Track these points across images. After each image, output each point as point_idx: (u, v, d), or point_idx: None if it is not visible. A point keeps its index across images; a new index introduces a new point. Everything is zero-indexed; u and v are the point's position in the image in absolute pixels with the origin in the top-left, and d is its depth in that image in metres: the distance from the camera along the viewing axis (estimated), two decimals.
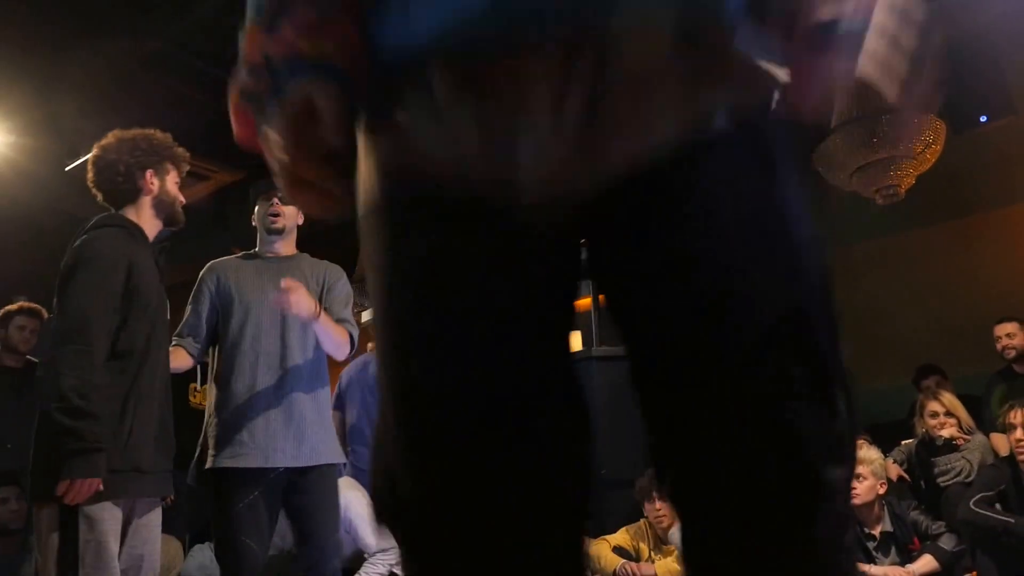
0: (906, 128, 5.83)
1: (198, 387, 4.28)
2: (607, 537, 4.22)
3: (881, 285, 6.65)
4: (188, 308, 2.97)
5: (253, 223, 3.10)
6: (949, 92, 6.42)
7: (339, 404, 4.53)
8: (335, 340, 2.90)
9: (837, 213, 6.86)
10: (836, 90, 0.97)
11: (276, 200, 2.97)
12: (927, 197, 6.13)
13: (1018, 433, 3.71)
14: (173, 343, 2.87)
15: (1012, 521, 3.58)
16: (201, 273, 3.02)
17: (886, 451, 4.62)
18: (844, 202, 6.54)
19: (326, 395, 2.99)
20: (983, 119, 6.40)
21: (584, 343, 5.74)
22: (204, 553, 4.47)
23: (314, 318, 2.77)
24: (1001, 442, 4.16)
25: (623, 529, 4.27)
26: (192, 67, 5.53)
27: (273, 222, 2.99)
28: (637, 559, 4.10)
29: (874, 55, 0.91)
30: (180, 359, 2.91)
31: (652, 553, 4.13)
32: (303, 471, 2.81)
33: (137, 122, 2.63)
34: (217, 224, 7.08)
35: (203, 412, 2.99)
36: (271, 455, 2.75)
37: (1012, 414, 3.77)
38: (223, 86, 0.94)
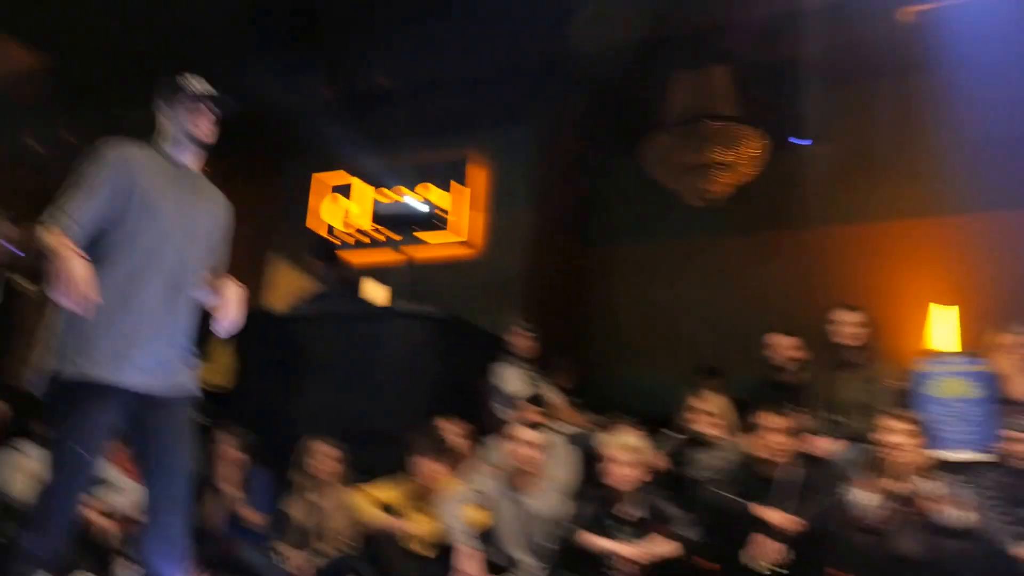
0: (731, 137, 6.20)
1: None
2: (370, 489, 4.30)
3: (683, 284, 7.12)
4: (81, 186, 2.63)
5: (161, 117, 2.84)
6: (777, 111, 6.93)
7: None
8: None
9: (657, 209, 7.23)
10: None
11: (213, 112, 2.82)
12: (740, 206, 6.61)
13: (762, 434, 4.13)
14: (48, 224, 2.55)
15: (746, 503, 3.97)
16: (105, 152, 2.70)
17: (659, 441, 4.99)
18: (665, 199, 6.88)
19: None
20: (802, 141, 6.95)
21: (393, 299, 5.84)
22: None
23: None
24: (755, 443, 4.58)
25: (388, 483, 4.36)
26: None
27: (206, 134, 2.82)
28: (399, 515, 4.21)
29: None
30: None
31: (414, 511, 4.25)
32: (167, 400, 2.70)
33: None
34: None
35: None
36: (146, 374, 2.63)
37: (762, 417, 4.17)
38: None
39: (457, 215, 7.58)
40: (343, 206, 8.19)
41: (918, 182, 6.43)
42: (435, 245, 7.46)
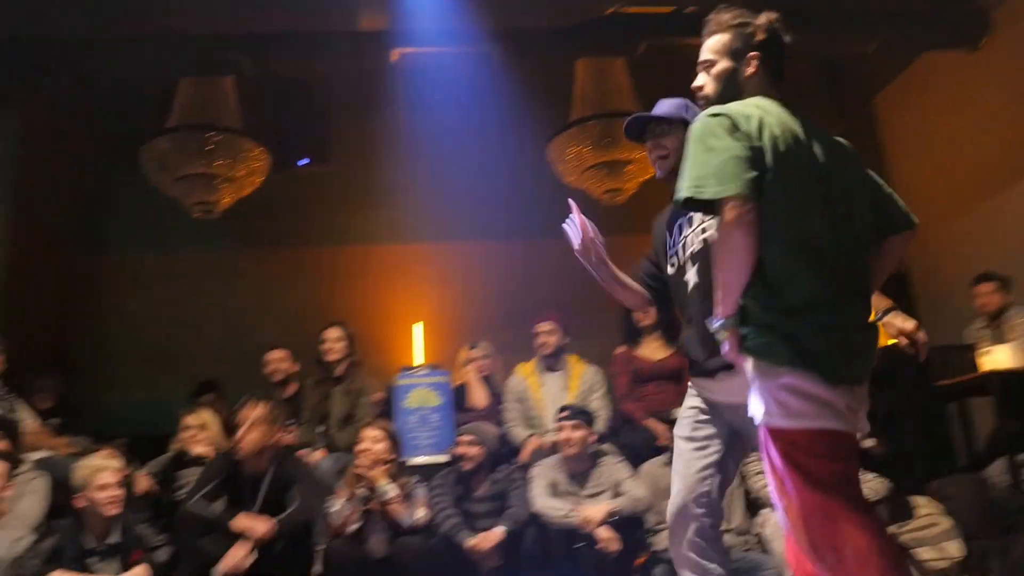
0: (234, 150, 6.35)
1: None
2: None
3: (183, 297, 7.13)
4: None
5: None
6: (278, 131, 7.27)
7: None
8: None
9: (159, 219, 7.12)
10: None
11: None
12: (241, 222, 6.81)
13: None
14: None
15: (221, 514, 4.15)
16: None
17: (148, 463, 4.98)
18: (168, 209, 6.81)
19: None
20: (303, 162, 7.39)
21: None
22: None
23: None
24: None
25: None
26: None
27: None
28: None
29: None
30: None
31: None
32: None
33: None
34: None
35: None
36: None
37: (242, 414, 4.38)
38: None
39: None
40: None
41: (403, 210, 7.24)
42: None
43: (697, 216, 2.61)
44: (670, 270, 2.77)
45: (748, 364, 2.15)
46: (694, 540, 2.68)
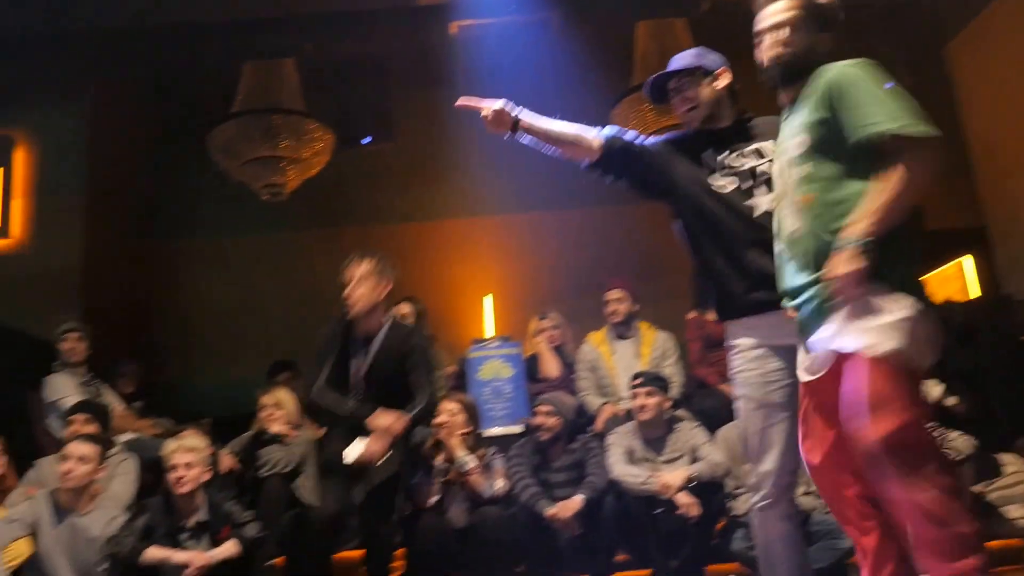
0: (298, 132, 6.40)
1: None
2: None
3: (255, 279, 7.23)
4: None
5: None
6: (341, 110, 7.30)
7: None
8: None
9: (228, 203, 7.23)
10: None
11: None
12: (307, 202, 6.87)
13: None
14: None
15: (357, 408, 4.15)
16: None
17: (231, 442, 5.09)
18: (235, 193, 6.92)
19: None
20: (366, 140, 7.42)
21: None
22: None
23: None
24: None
25: None
26: None
27: None
28: None
29: None
30: None
31: None
32: None
33: None
34: None
35: None
36: None
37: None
38: None
39: None
40: None
41: (468, 183, 7.22)
42: None
43: (780, 143, 2.47)
44: (726, 188, 2.68)
45: (880, 296, 2.14)
46: (790, 510, 2.66)
